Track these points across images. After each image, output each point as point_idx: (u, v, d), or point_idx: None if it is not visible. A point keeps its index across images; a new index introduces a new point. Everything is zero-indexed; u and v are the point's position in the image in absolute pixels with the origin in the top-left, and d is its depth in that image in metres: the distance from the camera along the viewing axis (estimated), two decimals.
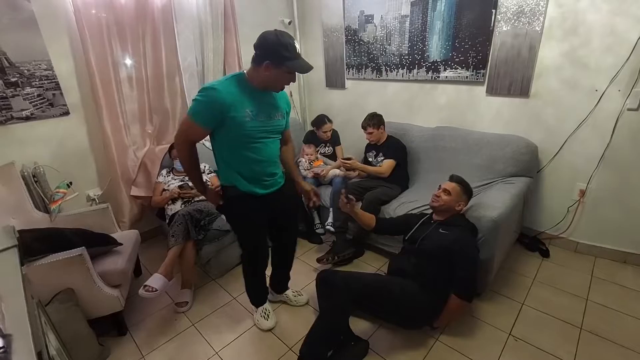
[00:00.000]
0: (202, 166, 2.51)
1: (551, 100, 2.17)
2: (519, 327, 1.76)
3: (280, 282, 2.02)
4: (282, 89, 1.50)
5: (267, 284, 2.00)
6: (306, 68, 1.38)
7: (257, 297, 1.89)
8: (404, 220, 2.02)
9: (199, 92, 1.37)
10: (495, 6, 2.18)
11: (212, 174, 2.48)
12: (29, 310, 0.83)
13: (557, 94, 2.14)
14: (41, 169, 2.07)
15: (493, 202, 1.87)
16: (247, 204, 1.55)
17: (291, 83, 1.45)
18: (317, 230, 2.73)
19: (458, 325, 1.80)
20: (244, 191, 1.52)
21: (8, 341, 0.76)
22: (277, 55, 1.31)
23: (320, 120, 2.91)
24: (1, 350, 0.70)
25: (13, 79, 2.00)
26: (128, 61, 2.38)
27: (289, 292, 2.03)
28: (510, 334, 1.72)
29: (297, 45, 1.36)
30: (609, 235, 2.22)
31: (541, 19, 2.05)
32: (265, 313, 1.88)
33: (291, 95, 3.55)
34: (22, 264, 1.03)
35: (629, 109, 1.94)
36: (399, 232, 2.00)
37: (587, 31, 1.96)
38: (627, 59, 1.87)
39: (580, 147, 2.15)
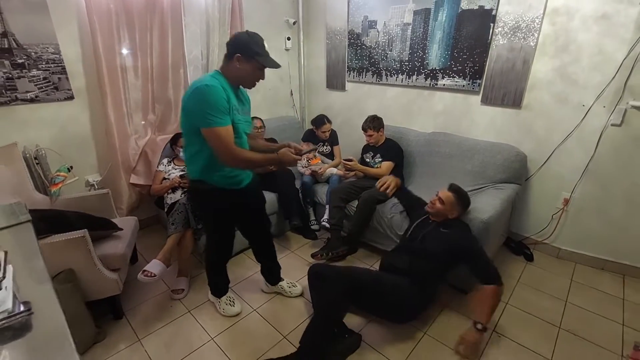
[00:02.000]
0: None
1: (541, 112, 2.29)
2: (502, 324, 1.86)
3: (273, 274, 2.07)
4: (254, 85, 1.56)
5: (262, 276, 2.09)
6: (275, 64, 1.49)
7: (220, 287, 1.95)
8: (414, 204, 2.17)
9: (202, 94, 1.36)
10: (493, 20, 2.29)
11: None
12: (50, 275, 0.87)
13: (547, 107, 2.26)
14: (43, 152, 2.08)
15: (484, 206, 1.97)
16: (221, 197, 1.59)
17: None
18: (312, 227, 2.79)
19: (445, 320, 1.89)
20: (219, 186, 1.56)
21: (28, 306, 0.80)
22: (247, 49, 1.42)
23: (320, 120, 2.98)
24: (27, 312, 0.75)
25: (20, 61, 2.01)
26: (135, 50, 2.41)
27: (283, 283, 2.09)
28: (494, 330, 1.81)
29: (267, 45, 1.47)
30: (589, 243, 2.34)
31: (536, 35, 2.17)
32: (230, 300, 1.95)
33: (292, 94, 3.62)
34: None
35: (612, 125, 2.07)
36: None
37: (578, 49, 2.08)
38: (613, 78, 2.00)
39: (566, 158, 2.27)
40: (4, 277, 0.73)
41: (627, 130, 2.04)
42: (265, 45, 1.47)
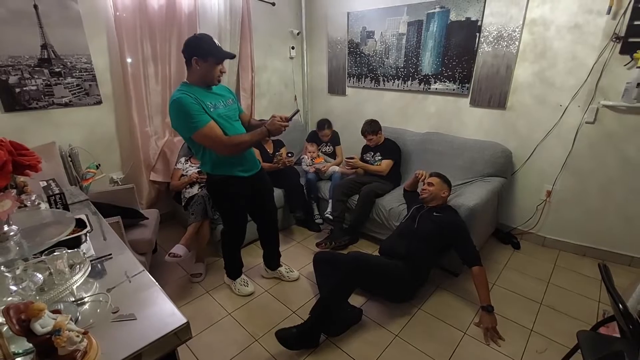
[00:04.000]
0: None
1: (524, 112, 2.53)
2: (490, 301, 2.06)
3: (273, 259, 2.28)
4: (219, 80, 1.70)
5: (262, 262, 2.31)
6: (229, 55, 1.65)
7: (236, 270, 2.17)
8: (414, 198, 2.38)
9: (176, 109, 1.55)
10: (479, 30, 2.54)
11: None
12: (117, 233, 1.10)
13: (529, 107, 2.50)
14: (76, 150, 2.32)
15: (471, 195, 2.21)
16: (231, 186, 1.80)
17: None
18: (316, 220, 3.01)
19: (438, 298, 2.10)
20: (229, 175, 1.78)
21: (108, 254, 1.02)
22: (200, 49, 1.57)
23: (321, 125, 3.22)
24: (108, 256, 0.97)
25: (57, 69, 2.26)
26: (156, 59, 2.65)
27: (282, 269, 2.29)
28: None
29: (216, 41, 1.63)
30: (571, 231, 2.56)
31: (517, 43, 2.41)
32: (244, 282, 2.17)
33: (295, 99, 3.87)
34: None
35: (586, 122, 2.30)
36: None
37: (554, 55, 2.33)
38: (585, 81, 2.24)
39: (547, 153, 2.50)
40: (91, 230, 0.96)
41: (600, 127, 2.27)
42: (216, 41, 1.61)
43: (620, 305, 1.13)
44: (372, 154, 2.91)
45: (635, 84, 2.02)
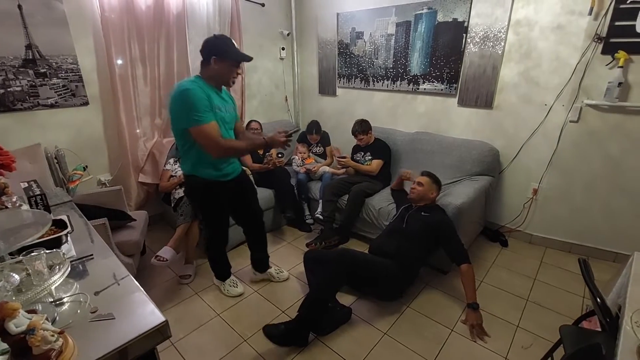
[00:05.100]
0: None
1: (510, 112, 2.57)
2: (477, 298, 2.08)
3: (262, 262, 2.25)
4: (234, 82, 1.71)
5: (251, 264, 2.28)
6: (247, 57, 1.67)
7: (223, 272, 2.15)
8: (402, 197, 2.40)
9: (184, 97, 1.51)
10: (466, 31, 2.57)
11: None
12: (99, 233, 1.10)
13: (515, 106, 2.54)
14: (62, 152, 2.29)
15: (459, 194, 2.23)
16: (212, 190, 1.78)
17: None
18: (306, 221, 3.01)
19: (426, 296, 2.12)
20: (209, 179, 1.74)
21: (90, 254, 1.02)
22: (220, 50, 1.59)
23: (309, 130, 3.24)
24: (89, 256, 0.97)
25: (42, 70, 2.23)
26: (144, 60, 2.64)
27: (271, 270, 2.28)
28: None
29: (235, 43, 1.65)
30: (557, 228, 2.60)
31: (502, 43, 2.45)
32: (233, 282, 2.16)
33: (286, 100, 3.87)
34: None
35: (570, 121, 2.34)
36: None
37: (538, 56, 2.37)
38: (569, 80, 2.28)
39: (534, 152, 2.54)
40: (72, 231, 0.95)
41: (583, 126, 2.32)
42: (235, 43, 1.65)
43: (599, 300, 1.16)
44: (363, 153, 2.92)
45: (617, 83, 2.07)
